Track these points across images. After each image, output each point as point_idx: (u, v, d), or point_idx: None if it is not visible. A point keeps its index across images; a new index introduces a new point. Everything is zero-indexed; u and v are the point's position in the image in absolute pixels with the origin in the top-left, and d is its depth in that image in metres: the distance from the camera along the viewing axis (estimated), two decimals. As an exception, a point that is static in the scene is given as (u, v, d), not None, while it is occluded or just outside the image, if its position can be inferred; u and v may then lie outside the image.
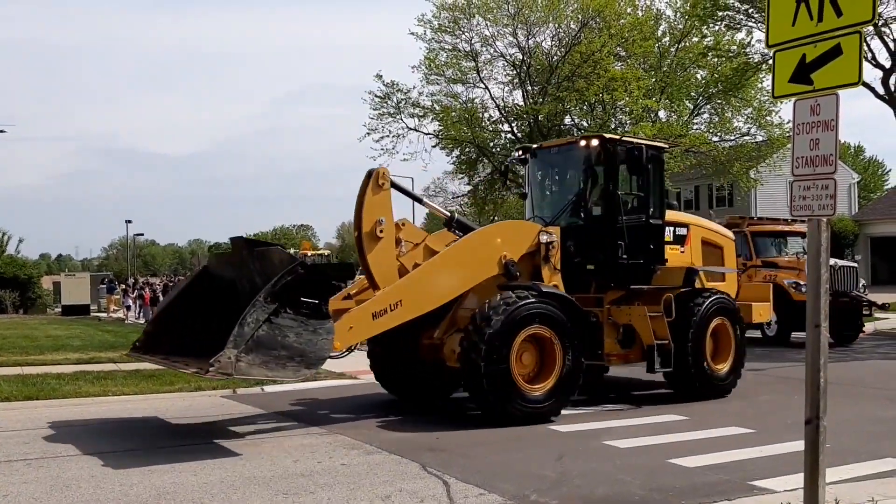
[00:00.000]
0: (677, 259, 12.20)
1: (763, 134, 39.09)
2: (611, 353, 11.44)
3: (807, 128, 5.44)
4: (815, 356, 5.19)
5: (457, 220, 11.39)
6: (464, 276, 10.41)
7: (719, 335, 11.95)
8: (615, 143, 11.59)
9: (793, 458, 7.56)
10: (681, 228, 12.56)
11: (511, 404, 9.72)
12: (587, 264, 11.38)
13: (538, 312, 9.96)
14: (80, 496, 6.73)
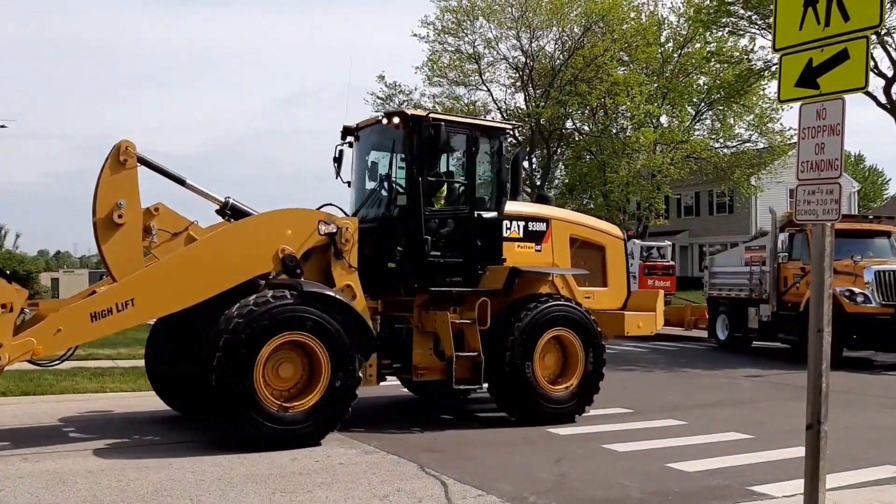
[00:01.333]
0: (531, 259, 10.44)
1: (764, 141, 39.14)
2: (421, 366, 9.88)
3: (812, 132, 5.43)
4: (817, 361, 5.17)
5: (231, 206, 9.60)
6: (224, 272, 8.73)
7: (565, 350, 10.28)
8: (421, 121, 9.82)
9: (792, 464, 7.56)
10: (536, 224, 10.70)
11: (257, 427, 8.22)
12: (389, 262, 9.80)
13: (296, 316, 8.39)
14: (77, 492, 6.70)
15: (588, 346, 10.25)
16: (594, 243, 11.41)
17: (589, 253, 11.33)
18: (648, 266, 30.44)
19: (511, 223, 10.48)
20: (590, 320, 10.34)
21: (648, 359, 18.57)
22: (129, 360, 16.23)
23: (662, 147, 37.17)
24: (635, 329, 11.41)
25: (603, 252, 11.47)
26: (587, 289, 11.16)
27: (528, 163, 41.89)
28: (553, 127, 39.74)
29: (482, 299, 9.83)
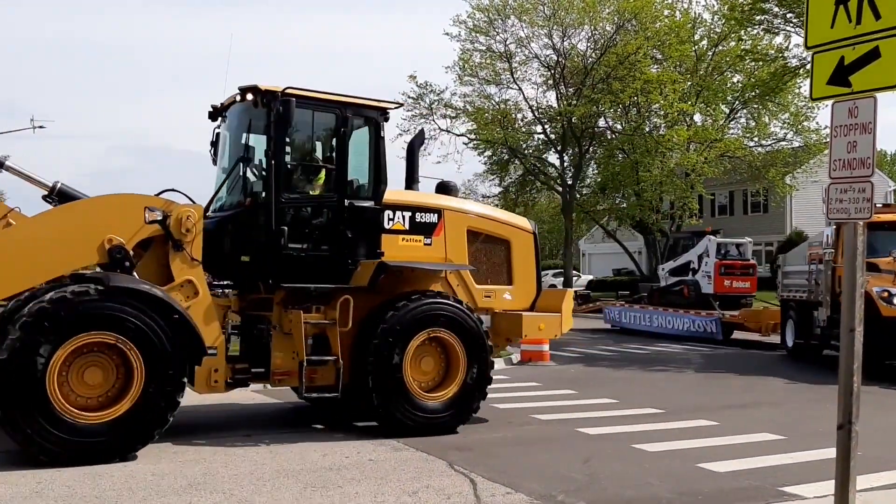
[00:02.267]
0: (418, 254, 9.56)
1: (800, 139, 38.61)
2: (280, 371, 8.96)
3: (844, 130, 5.39)
4: (849, 360, 5.13)
5: (59, 191, 8.65)
6: (38, 265, 7.90)
7: (448, 355, 9.37)
8: (275, 96, 8.74)
9: (823, 466, 7.48)
10: (426, 214, 9.74)
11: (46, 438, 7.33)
12: (242, 255, 8.92)
13: (101, 314, 7.50)
14: (113, 485, 6.85)
15: (471, 350, 9.30)
16: (498, 237, 10.39)
17: (492, 248, 10.36)
18: (725, 265, 27.54)
19: (394, 214, 9.52)
20: (472, 322, 9.34)
21: (683, 359, 18.44)
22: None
23: (696, 145, 36.82)
24: (535, 332, 10.36)
25: (508, 247, 10.44)
26: (488, 287, 10.22)
27: (559, 161, 41.75)
28: (585, 125, 39.53)
29: (344, 297, 8.92)
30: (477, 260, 10.21)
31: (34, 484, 6.79)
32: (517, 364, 16.79)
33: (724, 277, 27.27)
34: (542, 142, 42.29)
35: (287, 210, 8.93)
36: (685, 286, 27.43)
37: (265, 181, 8.90)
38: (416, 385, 9.12)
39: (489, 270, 10.35)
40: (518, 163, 42.60)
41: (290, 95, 8.69)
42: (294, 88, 8.79)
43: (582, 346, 21.09)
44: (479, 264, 10.21)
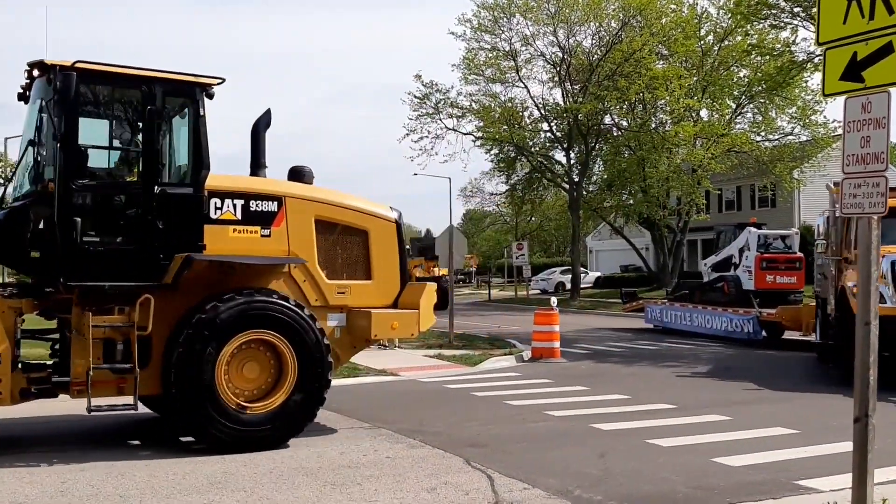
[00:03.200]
0: (254, 247, 8.62)
1: (807, 133, 38.55)
2: (80, 381, 7.80)
3: (857, 125, 5.42)
4: (865, 353, 5.17)
5: None
6: None
7: (279, 360, 8.39)
8: (62, 71, 7.76)
9: (838, 459, 7.54)
10: (263, 202, 8.77)
11: None
12: (32, 250, 7.98)
13: None
14: (135, 483, 6.94)
15: (302, 355, 8.35)
16: (353, 227, 9.44)
17: (347, 239, 9.42)
18: (767, 259, 24.53)
19: (222, 202, 8.54)
20: (304, 323, 8.37)
21: (693, 356, 18.47)
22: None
23: (703, 141, 36.81)
24: (387, 331, 9.42)
25: (366, 237, 9.46)
26: (343, 282, 9.24)
27: (565, 158, 41.77)
28: (591, 122, 39.57)
29: (143, 297, 7.90)
30: (329, 252, 9.24)
31: (59, 483, 6.89)
32: (528, 361, 16.84)
33: (765, 272, 24.34)
34: (549, 139, 42.36)
35: (80, 198, 7.88)
36: (725, 282, 25.19)
37: (56, 167, 7.87)
38: (234, 395, 8.16)
39: (344, 264, 9.38)
40: (525, 160, 42.70)
41: (72, 69, 7.76)
42: (86, 62, 7.90)
43: (592, 342, 21.15)
44: (331, 257, 9.25)
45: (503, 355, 17.41)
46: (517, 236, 53.29)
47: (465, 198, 67.78)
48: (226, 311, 8.07)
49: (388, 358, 16.80)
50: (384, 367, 15.20)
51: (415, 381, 14.10)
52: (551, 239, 70.76)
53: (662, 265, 41.75)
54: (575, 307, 36.84)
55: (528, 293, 46.07)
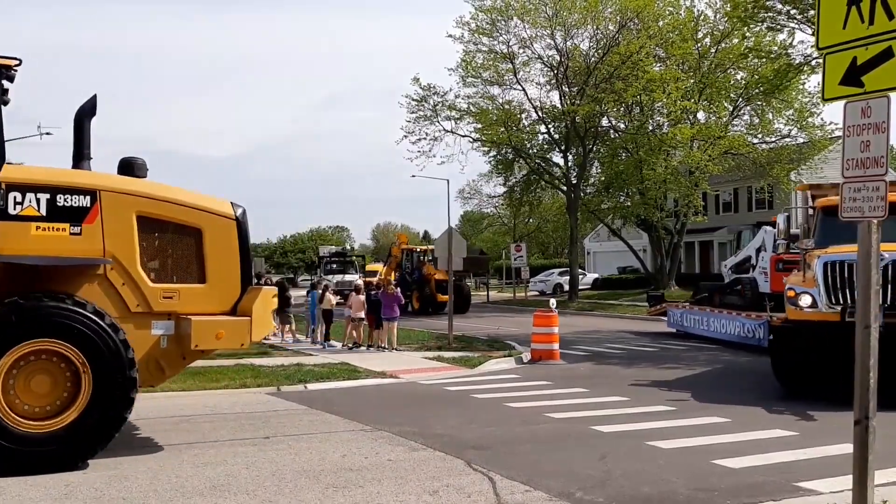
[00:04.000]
0: (62, 246, 7.81)
1: (804, 136, 38.64)
2: None
3: (857, 130, 5.46)
4: (865, 356, 5.21)
5: None
6: None
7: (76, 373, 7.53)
8: None
9: (838, 461, 7.59)
10: (74, 196, 7.92)
11: None
12: None
13: None
14: (138, 487, 6.96)
15: (99, 367, 7.52)
16: (184, 224, 8.56)
17: (177, 237, 8.58)
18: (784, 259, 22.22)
19: (23, 196, 7.72)
20: (99, 332, 7.51)
21: (692, 357, 18.51)
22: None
23: (700, 143, 36.89)
24: (211, 341, 8.34)
25: (199, 236, 8.59)
26: (170, 286, 8.39)
27: (563, 160, 41.81)
28: (589, 125, 39.65)
29: None
30: (154, 252, 8.49)
31: (63, 487, 6.90)
32: (527, 363, 16.88)
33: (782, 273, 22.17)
34: (546, 141, 42.43)
35: None
36: (742, 285, 24.02)
37: None
38: (14, 411, 7.32)
39: (174, 265, 8.56)
40: (522, 162, 42.77)
41: None
42: None
43: (591, 344, 21.18)
44: (157, 258, 8.50)
45: (502, 357, 17.45)
46: (515, 238, 53.33)
47: (463, 199, 67.93)
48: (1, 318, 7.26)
49: (388, 360, 16.82)
50: (383, 370, 15.22)
51: (415, 383, 14.13)
52: (549, 240, 70.80)
53: (660, 267, 41.82)
54: (573, 309, 36.86)
55: (527, 295, 46.11)
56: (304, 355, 18.10)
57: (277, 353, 18.82)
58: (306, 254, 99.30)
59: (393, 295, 19.17)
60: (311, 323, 21.87)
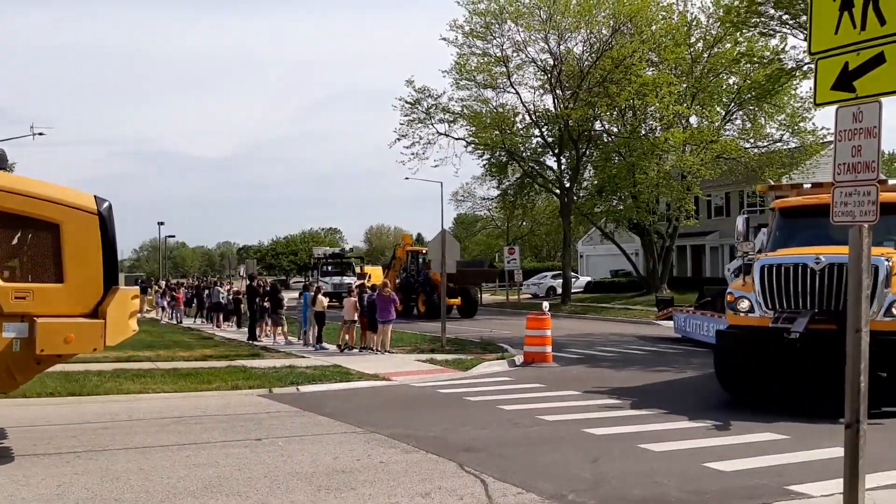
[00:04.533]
0: None
1: (796, 140, 38.80)
2: None
3: (849, 135, 5.50)
4: (856, 360, 5.24)
5: None
6: None
7: None
8: None
9: (829, 464, 7.62)
10: None
11: None
12: None
13: None
14: (131, 487, 6.94)
15: None
16: (38, 219, 7.95)
17: (30, 233, 8.05)
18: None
19: None
20: None
21: (684, 361, 18.55)
22: (168, 361, 16.60)
23: (692, 147, 37.00)
24: (59, 345, 7.73)
25: (57, 232, 7.98)
26: (24, 285, 7.83)
27: (556, 164, 41.90)
28: (582, 128, 39.74)
29: None
30: (7, 248, 8.01)
31: (55, 487, 6.89)
32: (520, 365, 16.89)
33: None
34: (540, 145, 42.49)
35: None
36: None
37: None
38: None
39: (28, 263, 8.07)
40: (516, 165, 42.80)
41: None
42: None
43: (583, 347, 21.20)
44: (8, 254, 8.02)
45: (495, 360, 17.46)
46: (508, 241, 53.35)
47: (456, 202, 67.90)
48: None
49: (380, 363, 16.82)
50: (376, 372, 15.21)
51: (407, 385, 14.12)
52: (542, 244, 70.87)
53: (652, 270, 41.92)
54: (566, 312, 36.91)
55: (520, 298, 46.14)
56: (296, 357, 18.08)
57: (269, 355, 18.80)
58: (298, 256, 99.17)
59: (388, 297, 19.16)
60: (303, 325, 21.85)
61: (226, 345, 21.64)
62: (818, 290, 10.95)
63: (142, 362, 16.38)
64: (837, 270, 10.72)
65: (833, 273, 10.84)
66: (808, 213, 12.53)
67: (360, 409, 11.45)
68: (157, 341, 22.01)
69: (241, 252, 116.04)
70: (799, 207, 12.83)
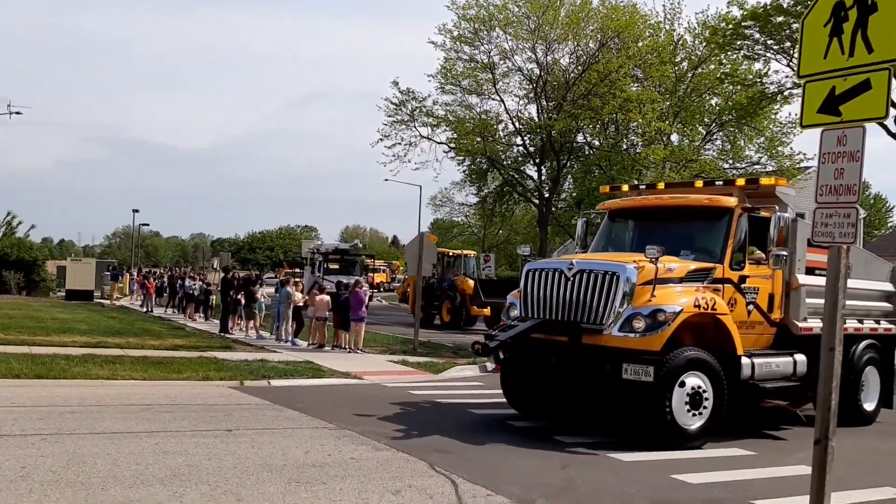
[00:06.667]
0: None
1: (773, 164, 39.31)
2: None
3: (832, 157, 5.61)
4: (828, 379, 5.34)
5: None
6: None
7: None
8: None
9: (793, 481, 7.74)
10: None
11: None
12: None
13: None
14: (98, 472, 6.87)
15: None
16: None
17: None
18: None
19: None
20: None
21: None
22: (138, 349, 16.44)
23: (672, 165, 37.34)
24: None
25: None
26: None
27: (537, 174, 42.06)
28: (564, 139, 39.95)
29: None
30: None
31: (19, 468, 6.80)
32: (491, 371, 16.90)
33: None
34: (521, 154, 42.62)
35: None
36: None
37: None
38: None
39: None
40: (496, 173, 42.93)
41: None
42: None
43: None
44: None
45: (467, 364, 17.46)
46: (484, 248, 53.45)
47: (434, 206, 67.81)
48: None
49: (352, 361, 16.77)
50: (348, 370, 15.17)
51: (379, 385, 14.10)
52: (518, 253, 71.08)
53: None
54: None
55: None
56: (268, 352, 17.97)
57: (241, 347, 18.68)
58: (274, 251, 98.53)
59: (360, 296, 19.12)
60: (276, 320, 21.73)
61: (197, 335, 21.46)
62: (568, 297, 10.14)
63: (111, 349, 16.21)
64: (586, 278, 10.02)
65: (582, 281, 10.07)
66: (632, 216, 12.09)
67: (331, 405, 11.41)
68: (127, 329, 21.78)
69: (216, 244, 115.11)
70: (621, 209, 12.21)
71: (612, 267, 9.99)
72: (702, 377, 9.66)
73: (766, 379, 10.51)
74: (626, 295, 9.76)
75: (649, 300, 9.65)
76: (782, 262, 10.50)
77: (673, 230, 11.25)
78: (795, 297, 11.06)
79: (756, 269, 10.73)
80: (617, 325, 9.68)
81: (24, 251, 45.01)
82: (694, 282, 10.12)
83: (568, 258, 11.00)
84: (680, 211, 11.28)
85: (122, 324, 23.54)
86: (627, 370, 9.32)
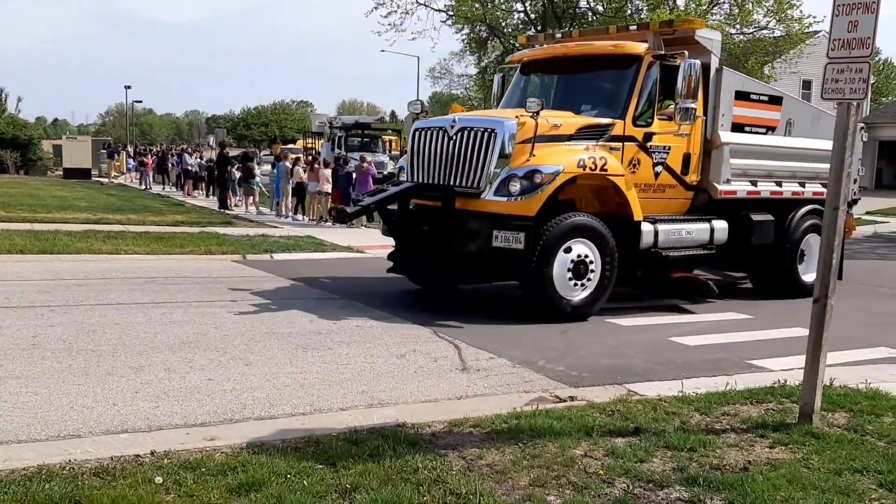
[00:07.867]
0: None
1: (782, 28, 38.15)
2: None
3: (847, 9, 5.37)
4: (831, 237, 5.32)
5: None
6: None
7: None
8: None
9: (788, 343, 7.92)
10: None
11: None
12: None
13: None
14: (107, 340, 7.00)
15: None
16: None
17: None
18: None
19: None
20: None
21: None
22: (139, 225, 16.48)
23: (676, 31, 36.27)
24: None
25: None
26: None
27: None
28: (566, 5, 38.67)
29: None
30: None
31: (30, 337, 6.92)
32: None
33: None
34: (522, 20, 41.33)
35: None
36: None
37: None
38: None
39: None
40: (497, 41, 41.77)
41: None
42: None
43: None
44: None
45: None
46: (484, 121, 52.61)
47: (433, 79, 66.44)
48: None
49: (354, 236, 16.84)
50: (350, 244, 15.27)
51: (381, 258, 14.14)
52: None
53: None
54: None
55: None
56: (268, 227, 18.03)
57: (242, 223, 18.72)
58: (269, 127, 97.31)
59: (366, 171, 18.96)
60: (275, 196, 21.67)
61: (197, 212, 21.47)
62: (448, 158, 9.26)
63: (112, 224, 16.26)
64: (466, 136, 9.11)
65: (462, 139, 9.16)
66: (542, 69, 10.90)
67: (334, 277, 11.54)
68: (127, 206, 21.78)
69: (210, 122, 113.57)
70: (532, 62, 10.96)
71: (491, 123, 8.98)
72: (589, 244, 8.96)
73: (672, 248, 9.75)
74: (506, 155, 8.83)
75: (527, 160, 8.72)
76: (691, 117, 9.46)
77: (581, 83, 10.22)
78: (717, 156, 10.07)
79: (667, 126, 9.61)
80: (493, 189, 8.82)
81: (18, 129, 44.51)
82: (586, 140, 9.11)
83: (454, 115, 9.93)
84: (586, 60, 10.08)
85: (122, 201, 23.52)
86: (498, 237, 8.53)
